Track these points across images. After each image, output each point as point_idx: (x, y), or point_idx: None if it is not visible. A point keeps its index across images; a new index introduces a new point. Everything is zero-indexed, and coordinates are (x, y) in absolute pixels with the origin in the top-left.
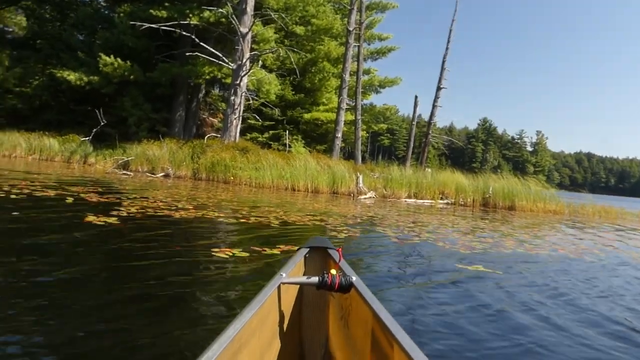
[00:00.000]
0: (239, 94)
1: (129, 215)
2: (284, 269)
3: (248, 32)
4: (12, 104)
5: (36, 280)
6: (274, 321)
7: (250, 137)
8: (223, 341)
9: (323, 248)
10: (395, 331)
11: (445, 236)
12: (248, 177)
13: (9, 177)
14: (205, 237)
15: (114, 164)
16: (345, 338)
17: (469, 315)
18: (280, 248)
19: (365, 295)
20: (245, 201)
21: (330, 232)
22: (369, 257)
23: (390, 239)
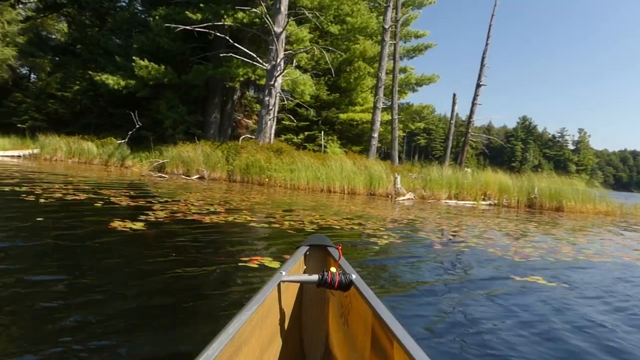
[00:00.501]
0: (274, 94)
1: (157, 220)
2: (284, 267)
3: (282, 32)
4: (54, 108)
5: (43, 291)
6: (274, 319)
7: (285, 139)
8: (223, 339)
9: (323, 246)
10: (395, 329)
11: (495, 241)
12: (283, 178)
13: (45, 180)
14: (234, 244)
15: (149, 166)
16: (345, 336)
17: (532, 338)
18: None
19: (364, 293)
20: (280, 204)
21: (369, 238)
22: (412, 266)
23: (435, 245)
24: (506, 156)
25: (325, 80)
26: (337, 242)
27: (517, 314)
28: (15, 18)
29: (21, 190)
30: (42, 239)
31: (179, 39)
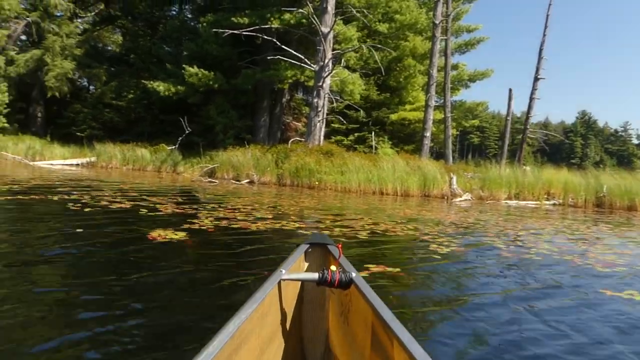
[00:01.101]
0: (322, 96)
1: (200, 228)
2: (284, 265)
3: (329, 32)
4: (110, 117)
5: (72, 303)
6: (274, 317)
7: (335, 140)
8: (223, 337)
9: (323, 244)
10: (395, 327)
11: (569, 247)
12: (333, 181)
13: (96, 187)
14: (279, 253)
15: (199, 172)
16: (345, 334)
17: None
18: (370, 269)
19: (365, 291)
20: (330, 208)
21: (428, 245)
22: (480, 278)
23: (502, 252)
24: (565, 153)
25: (374, 80)
26: (392, 252)
27: (618, 339)
28: (74, 31)
29: (70, 198)
30: (78, 250)
31: (227, 45)
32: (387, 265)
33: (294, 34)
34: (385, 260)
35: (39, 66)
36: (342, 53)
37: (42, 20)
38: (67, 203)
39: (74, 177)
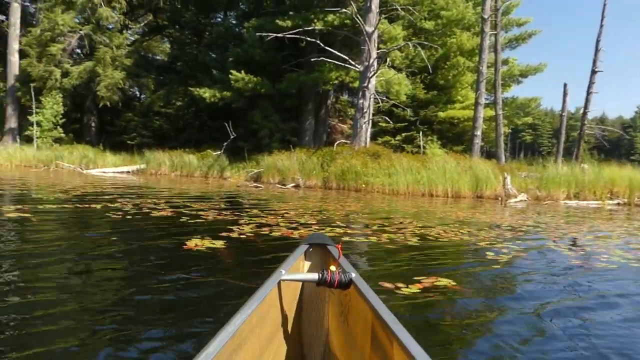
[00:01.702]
0: (368, 96)
1: (240, 236)
2: (284, 265)
3: (374, 31)
4: (159, 124)
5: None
6: (274, 318)
7: (381, 141)
8: (223, 338)
9: (323, 245)
10: (395, 327)
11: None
12: (380, 183)
13: (142, 194)
14: None
15: (245, 176)
16: (345, 334)
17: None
18: (422, 283)
19: (364, 291)
20: (377, 212)
21: (486, 252)
22: (551, 291)
23: (571, 260)
24: (624, 149)
25: (421, 79)
26: (445, 259)
27: None
28: (123, 43)
29: (112, 206)
30: (105, 260)
31: (271, 49)
32: (440, 275)
33: (337, 34)
34: (437, 270)
35: (91, 77)
36: (387, 52)
37: (94, 33)
38: (109, 211)
39: (122, 185)
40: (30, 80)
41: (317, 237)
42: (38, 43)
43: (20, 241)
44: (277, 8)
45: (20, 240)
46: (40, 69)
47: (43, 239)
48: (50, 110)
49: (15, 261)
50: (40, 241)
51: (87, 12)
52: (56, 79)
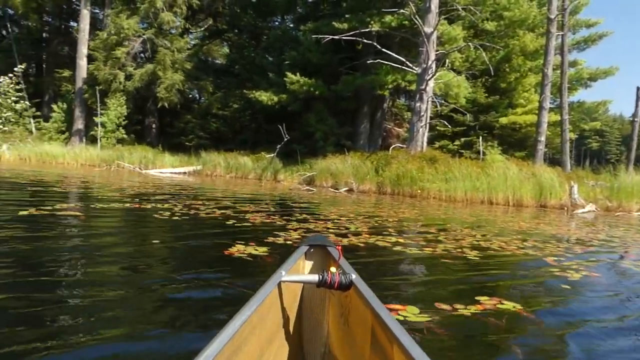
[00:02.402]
0: (425, 99)
1: (286, 242)
2: (284, 267)
3: (433, 32)
4: (216, 126)
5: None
6: (274, 319)
7: (439, 146)
8: (223, 339)
9: (323, 246)
10: (395, 329)
11: None
12: (437, 189)
13: (193, 195)
14: (370, 279)
15: (298, 179)
16: (345, 336)
17: None
18: (482, 305)
19: (365, 293)
20: (433, 220)
21: (554, 269)
22: (636, 319)
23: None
24: None
25: (482, 82)
26: (508, 276)
27: None
28: (184, 46)
29: (162, 207)
30: (146, 261)
31: (327, 51)
32: (502, 296)
33: (395, 36)
34: (500, 289)
35: (152, 80)
36: (447, 54)
37: (156, 37)
38: (157, 211)
39: (176, 185)
40: (96, 83)
41: (317, 239)
42: (104, 47)
43: (62, 239)
44: (333, 10)
45: (62, 238)
46: (105, 72)
47: (86, 237)
48: (114, 112)
49: (54, 258)
50: (83, 239)
51: (150, 17)
52: (120, 82)
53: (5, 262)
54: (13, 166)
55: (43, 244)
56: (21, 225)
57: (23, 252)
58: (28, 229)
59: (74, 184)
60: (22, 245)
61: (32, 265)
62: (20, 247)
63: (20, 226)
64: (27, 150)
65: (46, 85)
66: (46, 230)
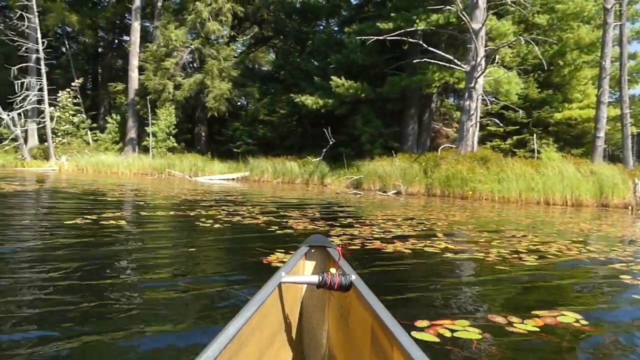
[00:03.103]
0: (474, 97)
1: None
2: (284, 268)
3: (481, 28)
4: (263, 132)
5: None
6: (274, 320)
7: (490, 145)
8: (223, 340)
9: (322, 247)
10: (395, 330)
11: None
12: (489, 190)
13: (239, 202)
14: (413, 291)
15: (345, 183)
16: (346, 337)
17: None
18: (541, 319)
19: (365, 294)
20: (485, 223)
21: (622, 277)
22: None
23: None
24: None
25: (534, 77)
26: (570, 285)
27: None
28: (230, 54)
29: (206, 213)
30: (180, 272)
31: (373, 53)
32: (564, 308)
33: (441, 34)
34: (560, 300)
35: (200, 89)
36: (496, 49)
37: (203, 47)
38: (200, 218)
39: (223, 192)
40: (147, 93)
41: (317, 239)
42: (154, 58)
43: (103, 246)
44: (378, 11)
45: (104, 245)
46: (155, 82)
47: (125, 245)
48: (164, 122)
49: (90, 265)
50: (121, 247)
51: (197, 27)
52: (169, 92)
53: (60, 266)
54: (71, 176)
55: (87, 250)
56: (71, 233)
57: (76, 257)
58: (76, 236)
59: (123, 193)
60: (74, 251)
61: (81, 268)
62: (73, 252)
63: (70, 233)
64: (84, 160)
65: (101, 97)
66: (90, 236)
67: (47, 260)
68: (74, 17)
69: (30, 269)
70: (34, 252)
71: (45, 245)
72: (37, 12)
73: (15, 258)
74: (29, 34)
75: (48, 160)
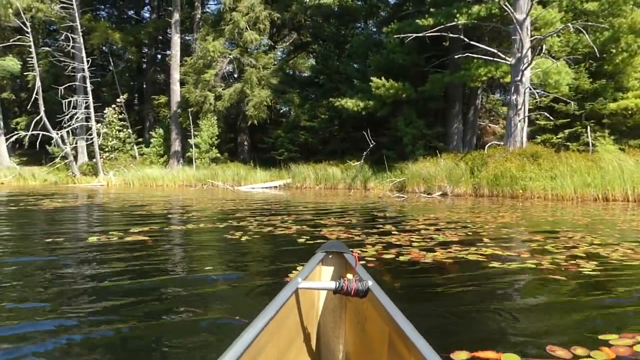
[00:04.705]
0: (522, 91)
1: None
2: (301, 274)
3: (526, 18)
4: (304, 138)
5: None
6: (291, 326)
7: (540, 140)
8: (241, 346)
9: (339, 252)
10: (413, 336)
11: None
12: (541, 188)
13: (275, 210)
14: (450, 312)
15: (388, 186)
16: (363, 343)
17: None
18: (613, 348)
19: (382, 300)
20: (538, 224)
21: None
22: None
23: None
24: None
25: (585, 66)
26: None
27: None
28: (269, 62)
29: (237, 224)
30: (198, 287)
31: (412, 51)
32: (639, 332)
33: (484, 27)
34: (633, 321)
35: (240, 98)
36: (543, 39)
37: (241, 56)
38: (229, 231)
39: (263, 200)
40: (189, 105)
41: (333, 245)
42: (194, 70)
43: (120, 262)
44: (416, 8)
45: (120, 262)
46: (196, 94)
47: (140, 262)
48: (206, 133)
49: (111, 281)
50: (135, 265)
51: (235, 37)
52: (210, 103)
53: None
54: (117, 191)
55: (107, 266)
56: (97, 249)
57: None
58: (96, 251)
59: (159, 206)
60: (95, 265)
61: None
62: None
63: (89, 250)
64: (131, 175)
65: (146, 112)
66: (107, 253)
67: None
68: (117, 35)
69: (88, 268)
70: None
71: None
72: (82, 32)
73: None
74: (74, 54)
75: (97, 176)
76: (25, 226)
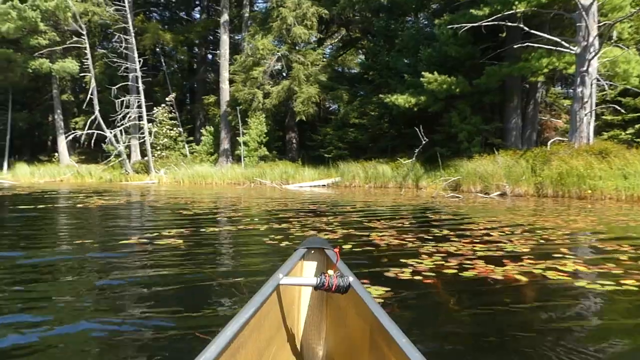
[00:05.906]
0: (588, 83)
1: (413, 277)
2: (282, 269)
3: (592, 3)
4: (354, 136)
5: None
6: (272, 322)
7: (609, 136)
8: (221, 342)
9: (320, 248)
10: (393, 331)
11: None
12: (613, 188)
13: (318, 211)
14: (536, 354)
15: (441, 185)
16: (344, 339)
17: None
18: None
19: (362, 296)
20: (619, 230)
21: None
22: None
23: None
24: None
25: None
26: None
27: None
28: (317, 59)
29: (279, 227)
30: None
31: (466, 44)
32: None
33: (545, 15)
34: None
35: (289, 95)
36: (611, 25)
37: (289, 53)
38: (269, 234)
39: (310, 199)
40: (237, 104)
41: (315, 241)
42: (243, 69)
43: (149, 267)
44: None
45: (151, 266)
46: (245, 92)
47: (163, 268)
48: (255, 131)
49: (132, 285)
50: (156, 271)
51: (283, 33)
52: (259, 101)
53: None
54: (167, 188)
55: (119, 272)
56: (123, 251)
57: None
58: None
59: (203, 205)
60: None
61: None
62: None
63: (122, 251)
64: (181, 173)
65: (197, 111)
66: (123, 258)
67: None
68: (167, 36)
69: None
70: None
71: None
72: (134, 33)
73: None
74: (127, 55)
75: (148, 174)
76: (83, 222)
